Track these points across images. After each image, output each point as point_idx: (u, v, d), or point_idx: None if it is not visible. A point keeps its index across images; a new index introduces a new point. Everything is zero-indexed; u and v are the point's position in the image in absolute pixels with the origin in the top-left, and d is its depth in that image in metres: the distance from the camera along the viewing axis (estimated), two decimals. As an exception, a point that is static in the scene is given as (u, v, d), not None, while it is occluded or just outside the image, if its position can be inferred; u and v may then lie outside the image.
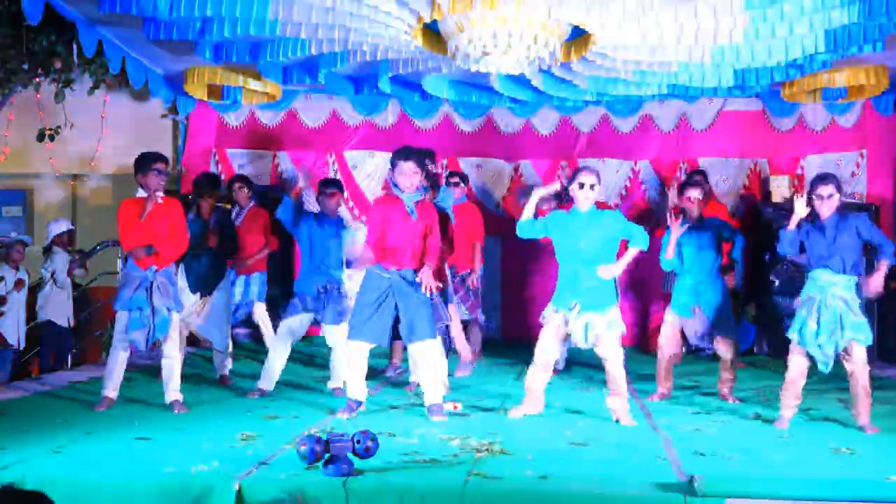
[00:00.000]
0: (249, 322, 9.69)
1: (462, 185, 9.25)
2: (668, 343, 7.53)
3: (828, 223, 6.40)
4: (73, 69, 9.88)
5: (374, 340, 6.70)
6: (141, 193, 6.89)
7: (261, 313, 9.28)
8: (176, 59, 9.05)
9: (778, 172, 10.71)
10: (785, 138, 10.82)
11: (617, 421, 6.57)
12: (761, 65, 7.91)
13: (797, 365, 6.49)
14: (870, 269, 6.48)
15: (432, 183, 7.59)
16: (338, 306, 7.65)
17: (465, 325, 9.26)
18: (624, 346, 6.83)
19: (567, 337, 6.71)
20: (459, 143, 11.08)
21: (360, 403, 6.76)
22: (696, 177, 9.14)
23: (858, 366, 6.39)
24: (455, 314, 8.60)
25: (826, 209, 6.39)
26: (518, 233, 6.84)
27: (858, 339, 6.34)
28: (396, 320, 6.69)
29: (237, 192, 9.21)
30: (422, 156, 6.80)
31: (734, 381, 7.53)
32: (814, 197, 6.43)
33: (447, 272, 8.21)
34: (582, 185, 6.54)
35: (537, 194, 6.79)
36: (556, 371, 8.34)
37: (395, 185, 6.68)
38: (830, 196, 6.37)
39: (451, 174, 9.38)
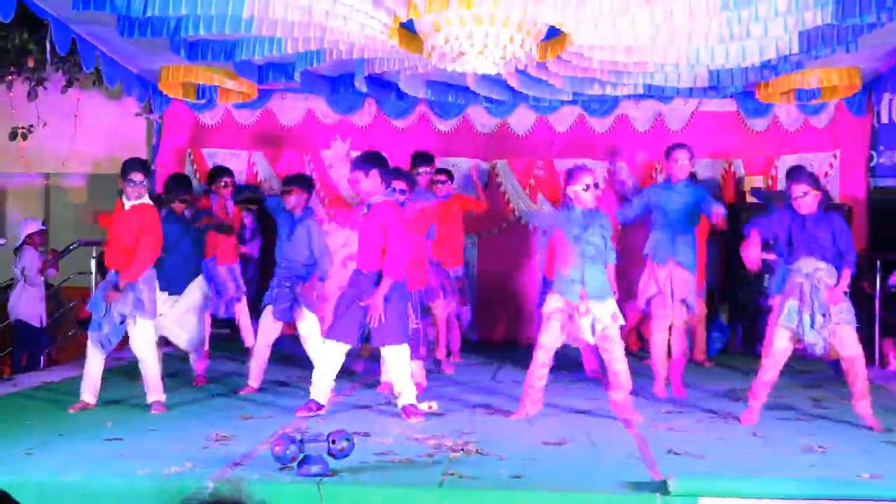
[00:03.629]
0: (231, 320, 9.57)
1: (449, 182, 9.27)
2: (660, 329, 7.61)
3: (809, 217, 6.49)
4: (45, 67, 9.81)
5: (341, 340, 6.73)
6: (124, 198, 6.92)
7: (242, 308, 9.21)
8: (150, 58, 8.99)
9: (752, 173, 10.77)
10: (759, 139, 10.87)
11: (616, 415, 6.64)
12: (736, 66, 7.94)
13: (783, 349, 6.56)
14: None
15: (409, 183, 7.66)
16: (282, 303, 7.67)
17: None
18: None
19: (568, 332, 6.74)
20: (436, 142, 11.06)
21: (320, 406, 6.77)
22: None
23: (854, 350, 6.45)
24: (443, 310, 8.67)
25: (805, 206, 6.46)
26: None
27: (845, 322, 6.41)
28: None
29: (223, 188, 9.12)
30: (368, 160, 6.86)
31: (685, 358, 7.63)
32: (791, 199, 6.51)
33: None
34: (588, 187, 6.66)
35: None
36: (594, 374, 8.46)
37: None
38: (805, 194, 6.44)
39: (438, 171, 9.30)
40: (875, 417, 6.46)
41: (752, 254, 6.64)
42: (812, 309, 6.40)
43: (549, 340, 6.71)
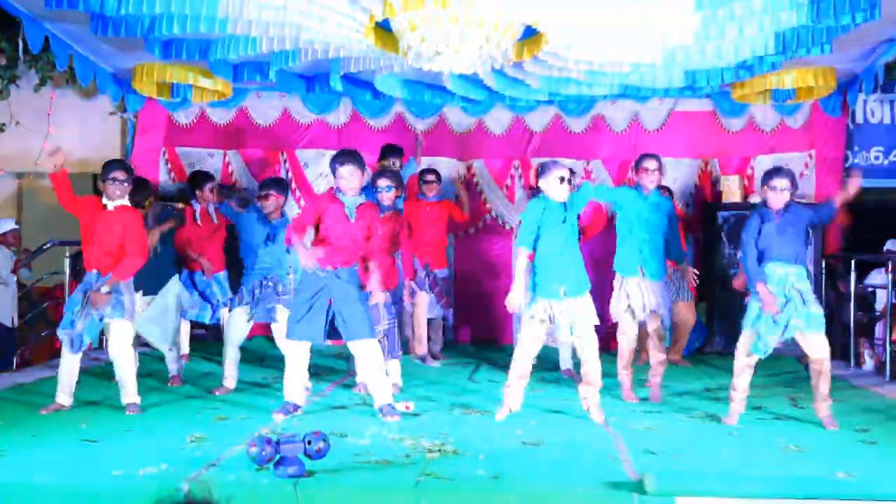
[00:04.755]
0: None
1: (437, 183, 9.39)
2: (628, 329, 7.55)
3: (777, 214, 6.54)
4: (18, 65, 9.73)
5: (308, 338, 6.72)
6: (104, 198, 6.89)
7: (227, 315, 9.19)
8: (124, 56, 8.94)
9: (728, 172, 10.82)
10: (735, 139, 10.92)
11: (587, 411, 6.64)
12: (712, 66, 7.98)
13: (746, 355, 6.60)
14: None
15: (397, 182, 7.71)
16: (268, 303, 7.67)
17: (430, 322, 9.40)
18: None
19: (547, 333, 6.78)
20: (412, 142, 11.05)
21: (297, 407, 6.76)
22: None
23: (822, 356, 6.49)
24: (423, 309, 8.69)
25: (778, 202, 6.51)
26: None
27: (814, 330, 6.44)
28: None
29: (209, 192, 9.12)
30: (359, 156, 6.83)
31: (663, 366, 7.59)
32: (767, 188, 6.55)
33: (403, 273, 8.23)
34: (563, 179, 6.63)
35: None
36: (569, 373, 8.50)
37: (338, 189, 6.75)
38: (784, 189, 6.50)
39: (426, 171, 9.52)
40: (833, 418, 6.52)
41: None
42: (777, 313, 6.46)
43: (530, 342, 6.74)
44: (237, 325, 7.74)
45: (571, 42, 7.36)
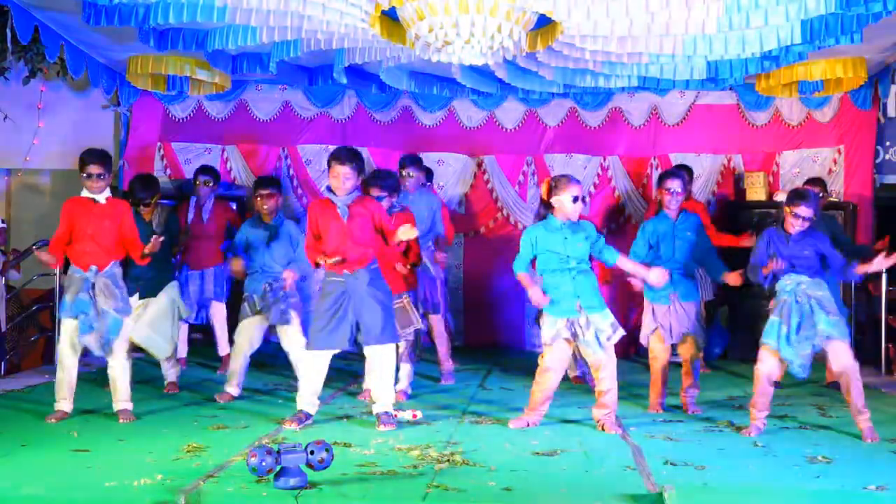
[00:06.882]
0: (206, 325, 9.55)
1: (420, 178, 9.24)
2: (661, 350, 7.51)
3: (793, 236, 6.56)
4: (6, 57, 9.75)
5: (331, 347, 6.72)
6: (86, 192, 6.88)
7: (218, 314, 9.19)
8: (118, 47, 8.96)
9: (753, 169, 10.79)
10: (760, 133, 10.90)
11: (602, 429, 6.63)
12: (735, 56, 7.96)
13: (768, 371, 6.57)
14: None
15: (391, 189, 7.63)
16: (281, 305, 7.69)
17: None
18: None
19: (573, 349, 6.82)
20: (420, 137, 11.07)
21: (309, 416, 6.77)
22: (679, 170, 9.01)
23: (846, 364, 6.45)
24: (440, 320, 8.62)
25: (797, 227, 6.53)
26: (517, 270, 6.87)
27: (836, 337, 6.42)
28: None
29: (202, 185, 9.16)
30: (360, 159, 6.82)
31: (698, 389, 7.56)
32: (790, 213, 6.54)
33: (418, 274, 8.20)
34: (576, 199, 6.65)
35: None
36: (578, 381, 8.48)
37: (329, 189, 6.78)
38: (808, 219, 6.50)
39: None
40: (874, 431, 6.46)
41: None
42: (789, 325, 6.43)
43: (556, 364, 6.77)
44: (250, 334, 7.75)
45: (587, 31, 7.35)
